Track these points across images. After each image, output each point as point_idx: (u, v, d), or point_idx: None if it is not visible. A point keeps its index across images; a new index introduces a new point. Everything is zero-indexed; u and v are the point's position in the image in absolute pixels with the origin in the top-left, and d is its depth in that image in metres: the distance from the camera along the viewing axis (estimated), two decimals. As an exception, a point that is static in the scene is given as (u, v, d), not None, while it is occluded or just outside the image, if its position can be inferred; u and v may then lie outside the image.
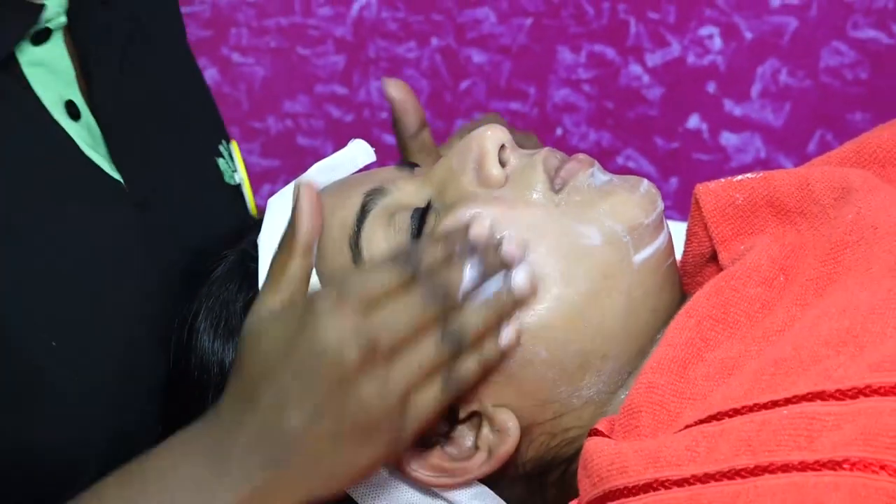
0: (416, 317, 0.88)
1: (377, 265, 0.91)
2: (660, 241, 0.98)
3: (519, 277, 0.92)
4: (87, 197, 1.00)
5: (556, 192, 0.97)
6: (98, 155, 1.02)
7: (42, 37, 1.00)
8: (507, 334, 0.92)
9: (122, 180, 1.02)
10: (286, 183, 1.05)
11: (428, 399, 0.90)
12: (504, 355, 0.93)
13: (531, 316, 0.93)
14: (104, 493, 0.91)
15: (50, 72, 1.00)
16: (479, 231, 0.92)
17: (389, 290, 0.88)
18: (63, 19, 1.01)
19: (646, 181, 1.00)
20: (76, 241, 0.98)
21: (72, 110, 1.01)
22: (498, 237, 0.93)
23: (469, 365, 0.91)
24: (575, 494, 0.91)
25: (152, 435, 0.96)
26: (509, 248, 0.92)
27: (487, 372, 0.92)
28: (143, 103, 1.08)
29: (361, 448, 0.88)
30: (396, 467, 0.95)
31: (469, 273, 0.90)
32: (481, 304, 0.91)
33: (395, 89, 1.06)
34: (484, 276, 0.91)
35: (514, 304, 0.93)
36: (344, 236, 0.98)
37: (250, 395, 0.88)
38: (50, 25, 1.00)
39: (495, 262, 0.92)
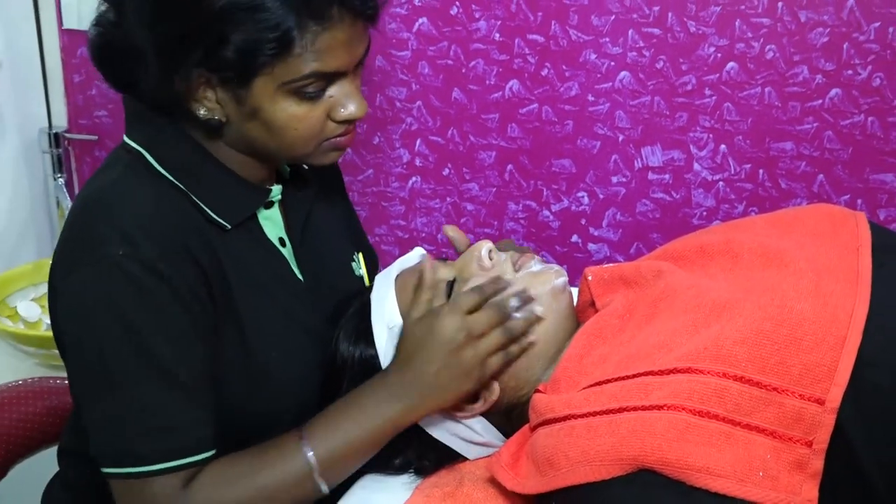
0: (491, 319, 0.89)
1: (471, 293, 0.91)
2: (566, 295, 0.96)
3: (530, 311, 0.92)
4: (290, 290, 0.98)
5: (517, 271, 0.96)
6: (295, 266, 1.00)
7: (269, 205, 0.98)
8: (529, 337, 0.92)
9: (302, 279, 1.00)
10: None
11: (495, 362, 0.90)
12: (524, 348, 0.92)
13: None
14: (328, 413, 0.90)
15: (272, 222, 0.99)
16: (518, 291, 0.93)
17: (476, 305, 0.90)
18: (278, 196, 0.99)
19: (558, 266, 0.99)
20: (285, 311, 0.96)
21: (282, 242, 0.99)
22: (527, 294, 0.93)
23: (513, 349, 0.91)
24: (527, 422, 0.89)
25: (319, 404, 0.93)
26: (527, 296, 0.93)
27: (521, 352, 0.92)
28: (318, 233, 1.05)
29: (461, 384, 0.88)
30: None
31: (512, 302, 0.91)
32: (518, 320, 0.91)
33: (450, 230, 1.06)
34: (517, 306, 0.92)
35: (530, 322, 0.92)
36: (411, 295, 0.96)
37: (408, 362, 0.88)
38: (273, 199, 0.99)
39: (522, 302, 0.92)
